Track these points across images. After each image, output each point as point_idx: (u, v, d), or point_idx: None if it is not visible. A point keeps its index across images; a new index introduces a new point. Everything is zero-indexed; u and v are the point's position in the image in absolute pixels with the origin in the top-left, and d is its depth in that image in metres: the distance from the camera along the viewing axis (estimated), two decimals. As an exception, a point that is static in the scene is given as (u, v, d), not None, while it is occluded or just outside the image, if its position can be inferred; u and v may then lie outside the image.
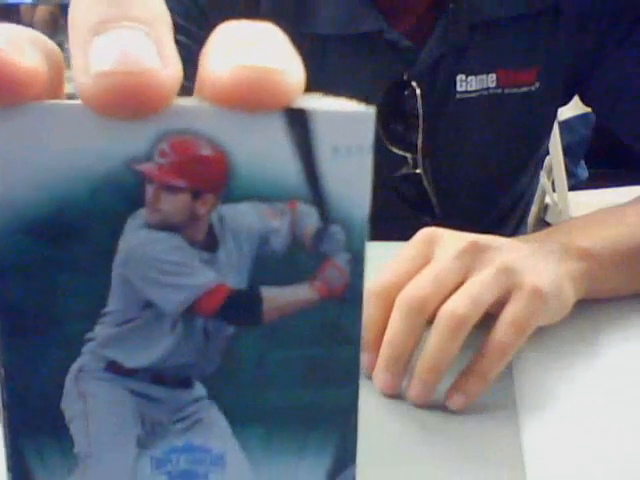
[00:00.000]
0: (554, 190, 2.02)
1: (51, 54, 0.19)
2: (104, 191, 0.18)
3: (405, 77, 0.74)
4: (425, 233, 0.54)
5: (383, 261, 0.54)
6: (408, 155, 0.76)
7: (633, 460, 0.45)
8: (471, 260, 0.51)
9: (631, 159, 1.29)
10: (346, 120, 0.19)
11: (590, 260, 0.57)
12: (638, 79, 0.76)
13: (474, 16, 0.74)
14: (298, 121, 0.18)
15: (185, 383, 0.21)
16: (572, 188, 2.08)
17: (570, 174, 2.18)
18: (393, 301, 0.50)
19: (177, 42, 0.19)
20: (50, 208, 0.19)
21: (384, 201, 0.78)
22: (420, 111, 0.74)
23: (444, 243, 0.52)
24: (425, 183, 0.76)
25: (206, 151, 0.18)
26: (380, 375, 0.50)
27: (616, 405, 0.50)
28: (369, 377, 0.51)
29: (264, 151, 0.18)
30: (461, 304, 0.48)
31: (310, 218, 0.19)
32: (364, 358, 0.51)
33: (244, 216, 0.19)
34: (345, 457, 0.22)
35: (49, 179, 0.18)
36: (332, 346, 0.20)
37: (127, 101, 0.17)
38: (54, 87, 0.19)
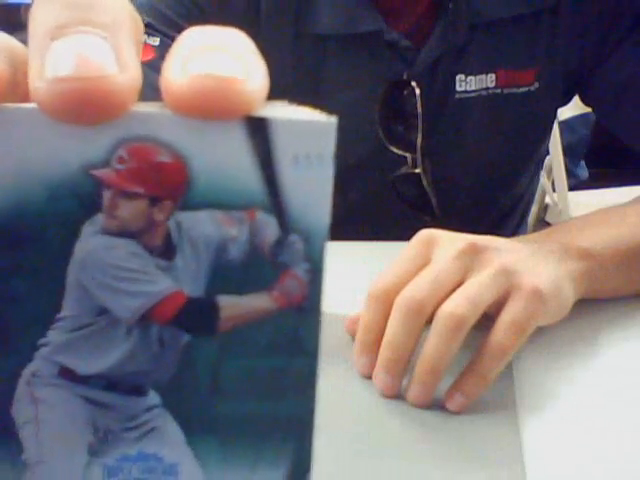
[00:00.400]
0: (554, 190, 2.02)
1: (14, 53, 0.19)
2: (61, 196, 0.18)
3: (405, 77, 0.74)
4: (424, 235, 0.54)
5: (383, 261, 0.54)
6: (408, 155, 0.76)
7: (633, 460, 0.45)
8: (470, 261, 0.51)
9: (631, 159, 1.29)
10: (306, 129, 0.18)
11: (590, 260, 0.57)
12: (638, 79, 0.76)
13: (474, 16, 0.74)
14: (258, 130, 0.18)
15: (139, 391, 0.21)
16: (572, 188, 2.08)
17: (570, 174, 2.18)
18: (392, 303, 0.50)
19: None
20: (5, 212, 0.18)
21: (384, 201, 0.79)
22: (420, 111, 0.74)
23: (443, 244, 0.52)
24: (425, 183, 0.76)
25: (165, 158, 0.18)
26: (380, 376, 0.50)
27: (616, 405, 0.50)
28: (369, 377, 0.51)
29: (224, 159, 0.18)
30: (459, 305, 0.48)
31: (269, 227, 0.19)
32: (363, 360, 0.51)
33: (202, 224, 0.19)
34: (301, 468, 0.21)
35: (4, 183, 0.18)
36: (289, 357, 0.20)
37: (82, 107, 0.17)
38: (20, 87, 0.19)
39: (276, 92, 0.20)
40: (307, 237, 0.19)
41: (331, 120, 0.19)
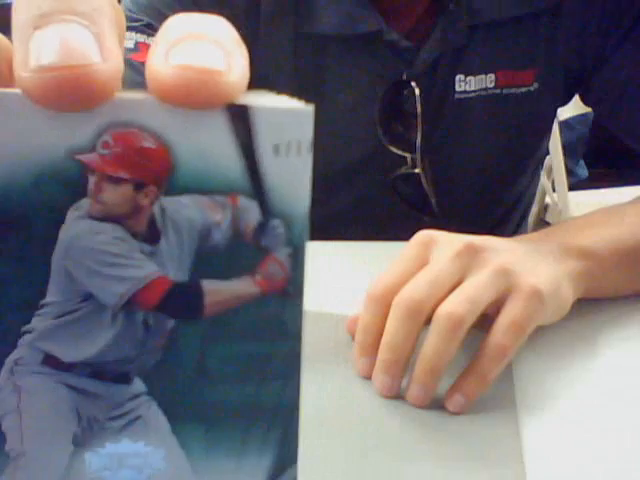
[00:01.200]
0: (554, 190, 2.02)
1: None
2: (46, 181, 0.18)
3: (404, 77, 0.74)
4: (422, 235, 0.54)
5: (383, 261, 0.54)
6: (407, 155, 0.76)
7: (633, 460, 0.45)
8: (468, 261, 0.51)
9: (631, 159, 1.29)
10: (285, 116, 0.19)
11: (589, 259, 0.57)
12: (639, 80, 0.76)
13: (473, 17, 0.74)
14: (239, 117, 0.19)
15: (124, 378, 0.21)
16: (572, 187, 2.08)
17: (570, 173, 2.18)
18: (390, 304, 0.50)
19: None
20: None
21: (384, 201, 0.79)
22: (419, 111, 0.74)
23: (441, 245, 0.52)
24: (424, 183, 0.76)
25: (149, 144, 0.18)
26: (379, 377, 0.50)
27: (616, 405, 0.50)
28: (369, 378, 0.51)
29: (206, 145, 0.19)
30: (458, 305, 0.48)
31: (251, 212, 0.20)
32: (363, 361, 0.51)
33: (186, 209, 0.20)
34: (287, 456, 0.21)
35: None
36: (273, 341, 0.20)
37: (66, 96, 0.17)
38: (2, 75, 0.19)
39: (276, 92, 0.20)
40: (288, 222, 0.20)
41: (309, 107, 0.19)
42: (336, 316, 0.58)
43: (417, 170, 0.76)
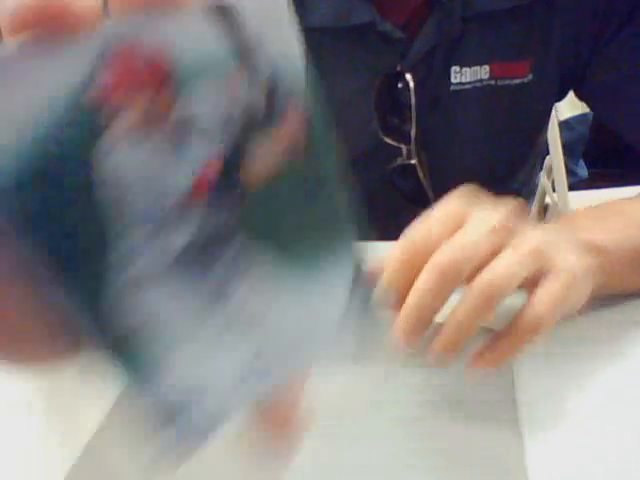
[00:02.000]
0: (554, 190, 2.02)
1: None
2: (61, 131, 0.18)
3: (399, 69, 0.74)
4: (455, 204, 0.51)
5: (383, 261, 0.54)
6: (402, 146, 0.75)
7: (634, 460, 0.45)
8: (505, 236, 0.49)
9: (631, 159, 1.29)
10: None
11: (602, 256, 0.57)
12: (636, 75, 0.76)
13: (468, 8, 0.74)
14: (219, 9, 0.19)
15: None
16: (572, 187, 2.08)
17: (570, 173, 2.18)
18: (418, 266, 0.47)
19: None
20: (18, 164, 0.17)
21: (381, 196, 0.78)
22: (413, 102, 0.73)
23: (477, 214, 0.50)
24: (420, 174, 0.76)
25: (145, 56, 0.18)
26: (402, 327, 0.47)
27: (618, 406, 0.50)
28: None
29: (198, 38, 0.19)
30: (499, 275, 0.46)
31: (258, 82, 0.20)
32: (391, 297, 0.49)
33: (203, 102, 0.20)
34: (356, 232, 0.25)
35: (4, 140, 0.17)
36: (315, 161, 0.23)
37: (46, 25, 0.17)
38: None
39: None
40: (289, 73, 0.21)
41: None
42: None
43: (413, 161, 0.75)
